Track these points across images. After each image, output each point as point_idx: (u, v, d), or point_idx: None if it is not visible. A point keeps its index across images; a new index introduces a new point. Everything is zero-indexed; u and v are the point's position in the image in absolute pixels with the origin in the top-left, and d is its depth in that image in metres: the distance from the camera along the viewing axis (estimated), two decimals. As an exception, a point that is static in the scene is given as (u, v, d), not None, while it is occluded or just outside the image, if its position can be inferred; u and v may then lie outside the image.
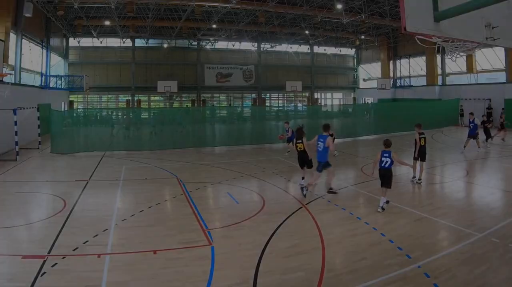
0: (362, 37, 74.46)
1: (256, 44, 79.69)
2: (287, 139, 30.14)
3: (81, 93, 68.83)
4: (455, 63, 58.38)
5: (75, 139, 37.00)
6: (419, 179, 21.25)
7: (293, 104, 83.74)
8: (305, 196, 18.53)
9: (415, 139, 21.81)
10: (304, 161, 20.76)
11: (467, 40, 11.31)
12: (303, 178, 20.76)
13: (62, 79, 61.03)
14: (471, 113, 32.74)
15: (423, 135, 22.02)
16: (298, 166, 21.33)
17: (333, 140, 25.09)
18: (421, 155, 21.64)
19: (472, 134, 31.59)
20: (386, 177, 16.93)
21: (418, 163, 21.65)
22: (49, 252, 12.06)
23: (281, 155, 31.66)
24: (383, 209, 16.35)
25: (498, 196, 19.07)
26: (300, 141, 20.57)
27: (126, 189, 21.14)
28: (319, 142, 18.78)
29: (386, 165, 16.91)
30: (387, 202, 16.89)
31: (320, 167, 18.83)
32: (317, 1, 51.95)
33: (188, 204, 17.84)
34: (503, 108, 46.97)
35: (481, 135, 33.16)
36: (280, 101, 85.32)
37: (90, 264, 11.42)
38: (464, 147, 31.69)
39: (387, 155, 16.98)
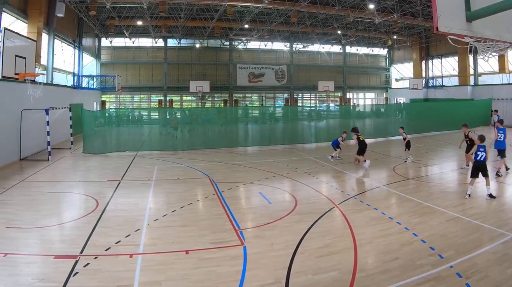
0: (395, 37, 74.08)
1: (288, 44, 79.46)
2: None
3: (113, 93, 69.41)
4: (487, 63, 58.00)
5: (107, 139, 37.19)
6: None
7: (325, 104, 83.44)
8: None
9: (470, 138, 22.05)
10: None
11: (500, 40, 11.16)
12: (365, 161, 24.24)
13: (94, 79, 61.53)
14: (495, 111, 34.94)
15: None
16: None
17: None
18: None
19: None
20: (482, 169, 17.85)
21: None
22: (81, 252, 12.15)
23: (313, 154, 31.61)
24: (491, 196, 17.75)
25: (531, 196, 18.81)
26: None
27: (158, 189, 21.19)
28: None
29: (482, 158, 17.80)
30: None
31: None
32: (350, 1, 51.70)
33: (220, 204, 17.84)
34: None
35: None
36: (312, 101, 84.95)
37: (122, 264, 11.48)
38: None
39: (482, 149, 17.87)
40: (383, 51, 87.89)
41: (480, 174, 17.88)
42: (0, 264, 11.20)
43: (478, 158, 17.82)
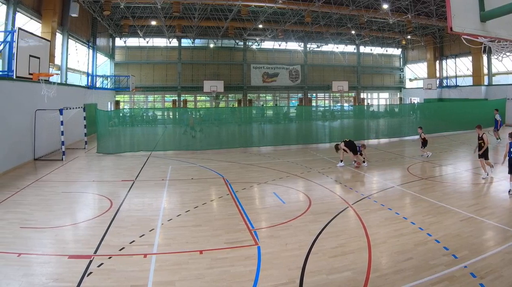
0: (408, 37, 73.88)
1: (302, 44, 79.41)
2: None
3: (127, 93, 69.75)
4: (501, 63, 57.81)
5: (121, 139, 37.29)
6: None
7: (339, 104, 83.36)
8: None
9: (485, 140, 21.89)
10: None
11: (514, 40, 11.09)
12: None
13: (108, 79, 61.85)
14: (496, 110, 36.63)
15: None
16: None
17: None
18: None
19: (497, 128, 36.30)
20: None
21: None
22: (95, 252, 12.21)
23: (327, 154, 31.46)
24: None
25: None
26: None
27: (172, 189, 21.21)
28: None
29: None
30: None
31: None
32: (363, 1, 51.65)
33: (234, 204, 17.86)
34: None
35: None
36: (327, 101, 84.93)
37: (136, 264, 11.52)
38: (499, 138, 35.26)
39: None
40: (397, 51, 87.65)
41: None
42: (14, 264, 11.26)
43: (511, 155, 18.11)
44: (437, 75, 76.23)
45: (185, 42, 73.83)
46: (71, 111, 34.02)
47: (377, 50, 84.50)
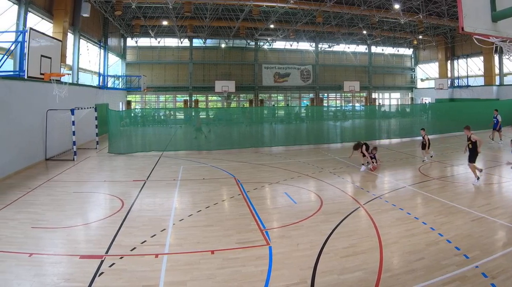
0: (420, 37, 73.85)
1: (313, 44, 79.43)
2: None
3: (139, 93, 70.10)
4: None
5: (132, 139, 37.39)
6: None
7: (350, 104, 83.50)
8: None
9: (473, 140, 21.71)
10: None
11: (525, 40, 11.08)
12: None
13: (120, 79, 61.95)
14: (496, 110, 36.66)
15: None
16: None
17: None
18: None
19: (495, 128, 36.05)
20: None
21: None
22: (106, 252, 12.24)
23: (338, 154, 31.45)
24: None
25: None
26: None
27: (184, 189, 21.20)
28: None
29: None
30: None
31: None
32: (375, 1, 51.71)
33: (245, 204, 17.86)
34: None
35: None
36: (338, 101, 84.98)
37: (148, 264, 11.54)
38: (492, 138, 35.48)
39: None
40: (409, 51, 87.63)
41: None
42: (26, 264, 11.29)
43: None
44: (449, 75, 76.32)
45: (197, 42, 73.97)
46: (82, 111, 34.07)
47: (389, 50, 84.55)
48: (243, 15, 57.41)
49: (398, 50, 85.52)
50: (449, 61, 76.81)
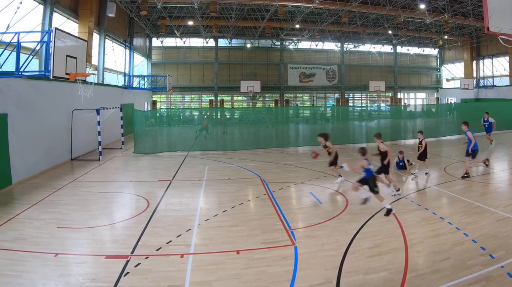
0: (445, 37, 73.59)
1: (339, 44, 79.34)
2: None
3: (164, 93, 70.57)
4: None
5: (158, 139, 37.60)
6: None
7: (376, 104, 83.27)
8: None
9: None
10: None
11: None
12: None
13: (145, 79, 62.19)
14: (487, 113, 36.14)
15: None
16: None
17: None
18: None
19: (489, 132, 35.02)
20: None
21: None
22: (132, 252, 12.32)
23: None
24: None
25: None
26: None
27: (209, 189, 21.29)
28: None
29: None
30: None
31: None
32: (400, 1, 51.52)
33: (271, 204, 17.90)
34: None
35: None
36: (363, 101, 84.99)
37: (173, 264, 11.60)
38: (491, 142, 34.50)
39: None
40: (434, 51, 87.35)
41: None
42: (51, 264, 11.39)
43: None
44: (474, 75, 76.02)
45: (222, 42, 74.29)
46: (108, 111, 34.17)
47: (414, 50, 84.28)
48: (269, 15, 57.50)
49: (423, 50, 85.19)
50: (474, 61, 76.55)
